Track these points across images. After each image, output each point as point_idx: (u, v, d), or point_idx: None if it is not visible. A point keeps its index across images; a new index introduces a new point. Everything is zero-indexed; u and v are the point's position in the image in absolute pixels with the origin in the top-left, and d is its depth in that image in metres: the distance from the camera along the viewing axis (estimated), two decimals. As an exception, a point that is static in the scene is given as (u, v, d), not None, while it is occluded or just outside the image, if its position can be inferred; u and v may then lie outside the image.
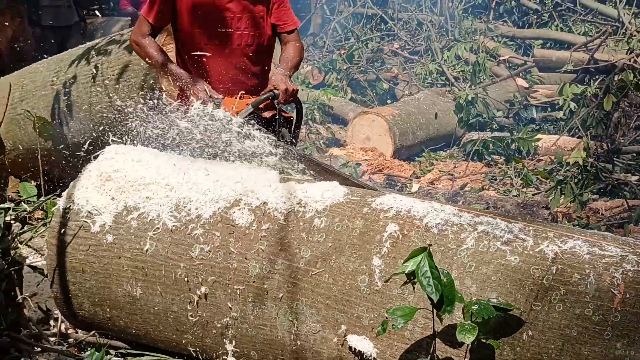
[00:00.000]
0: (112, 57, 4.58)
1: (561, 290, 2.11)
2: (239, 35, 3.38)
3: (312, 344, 2.41)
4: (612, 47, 8.79)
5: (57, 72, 4.87)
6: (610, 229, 4.90)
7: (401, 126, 7.18)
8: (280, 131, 3.20)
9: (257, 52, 3.47)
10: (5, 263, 2.65)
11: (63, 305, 2.85)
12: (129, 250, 2.68)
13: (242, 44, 3.40)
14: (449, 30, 10.08)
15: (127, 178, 2.80)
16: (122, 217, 2.71)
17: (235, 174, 2.77)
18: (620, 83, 7.16)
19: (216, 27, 3.34)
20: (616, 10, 9.86)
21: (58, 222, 2.79)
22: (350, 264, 2.36)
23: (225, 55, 3.37)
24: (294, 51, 3.47)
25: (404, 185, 6.21)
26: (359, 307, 2.33)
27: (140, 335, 2.78)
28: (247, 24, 3.38)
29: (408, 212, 2.41)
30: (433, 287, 2.07)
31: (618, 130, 7.02)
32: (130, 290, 2.69)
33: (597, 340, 2.04)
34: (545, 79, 8.74)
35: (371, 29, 10.59)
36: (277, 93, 3.19)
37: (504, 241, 2.24)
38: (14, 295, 2.75)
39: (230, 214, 2.59)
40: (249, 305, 2.49)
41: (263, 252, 2.49)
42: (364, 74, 9.17)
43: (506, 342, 2.13)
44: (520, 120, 8.03)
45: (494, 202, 5.38)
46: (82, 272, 2.75)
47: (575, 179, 5.77)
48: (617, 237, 2.30)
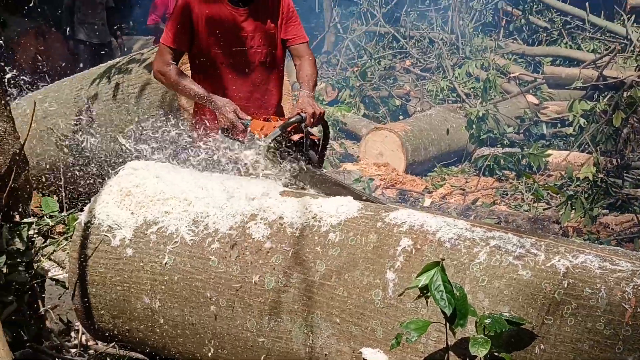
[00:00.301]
0: (133, 75, 4.62)
1: (573, 305, 2.09)
2: (252, 53, 3.41)
3: (326, 357, 2.41)
4: (620, 64, 8.77)
5: (79, 90, 4.91)
6: (620, 243, 4.87)
7: (413, 142, 7.18)
8: (308, 153, 3.17)
9: (271, 68, 3.49)
10: (28, 276, 2.67)
11: (84, 317, 2.86)
12: (148, 264, 2.69)
13: (257, 61, 3.42)
14: (460, 47, 10.10)
15: (146, 193, 2.81)
16: (142, 231, 2.73)
17: (252, 189, 2.78)
18: (629, 99, 7.12)
19: (232, 46, 3.36)
20: (624, 28, 9.84)
21: (79, 236, 2.81)
22: (365, 277, 2.36)
23: (241, 72, 3.40)
24: (309, 67, 3.45)
25: (416, 200, 6.20)
26: (373, 320, 2.32)
27: (159, 347, 2.78)
28: (260, 42, 3.41)
29: (421, 226, 2.41)
30: (446, 301, 2.06)
31: (627, 146, 6.98)
32: (149, 303, 2.69)
33: (608, 354, 2.03)
34: (555, 96, 8.73)
35: (383, 46, 10.62)
36: (304, 116, 3.14)
37: (516, 256, 2.23)
38: (37, 308, 2.77)
39: (247, 228, 2.60)
40: (265, 318, 2.49)
41: (279, 266, 2.49)
42: (377, 90, 9.19)
43: (519, 355, 2.12)
44: (531, 136, 8.01)
45: (506, 216, 5.36)
46: (103, 285, 2.76)
47: (585, 194, 5.74)
48: (628, 252, 2.29)
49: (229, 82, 3.38)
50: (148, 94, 4.47)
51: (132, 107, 4.53)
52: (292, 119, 3.13)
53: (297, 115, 3.14)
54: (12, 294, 2.62)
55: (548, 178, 6.78)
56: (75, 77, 5.24)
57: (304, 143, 3.14)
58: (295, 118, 3.13)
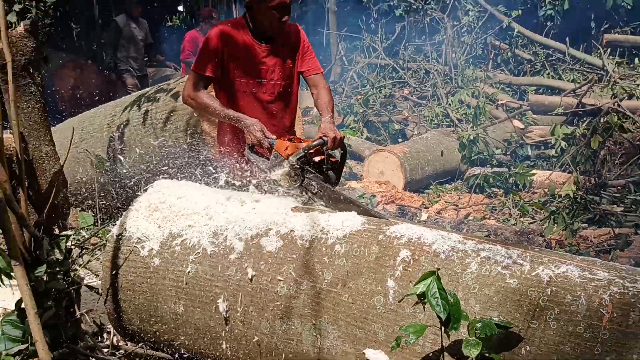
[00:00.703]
0: (160, 103, 4.65)
1: (555, 310, 2.09)
2: (272, 85, 3.43)
3: (333, 357, 2.40)
4: (598, 93, 8.75)
5: (112, 117, 4.95)
6: (598, 254, 4.84)
7: (411, 162, 7.17)
8: (327, 173, 3.14)
9: (286, 97, 3.52)
10: (66, 283, 2.67)
11: (115, 320, 2.86)
12: (173, 272, 2.69)
13: (275, 92, 3.45)
14: (453, 77, 10.10)
15: (172, 209, 2.82)
16: (167, 243, 2.74)
17: (267, 205, 2.79)
18: (605, 124, 7.12)
19: (254, 77, 3.39)
20: (601, 60, 9.84)
21: (112, 247, 2.82)
22: (368, 285, 2.36)
23: (260, 100, 3.42)
24: (326, 95, 3.46)
25: (414, 214, 6.19)
26: (375, 324, 2.31)
27: (182, 347, 2.78)
28: (279, 75, 3.43)
29: (418, 239, 2.40)
30: (441, 307, 2.06)
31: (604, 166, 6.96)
32: (173, 308, 2.69)
33: (588, 356, 2.01)
34: (539, 121, 8.71)
35: (384, 77, 10.64)
36: (326, 140, 3.13)
37: (504, 266, 2.22)
38: (73, 312, 2.77)
39: (262, 240, 2.60)
40: (278, 321, 2.49)
41: (290, 274, 2.49)
42: (378, 116, 9.20)
43: (507, 356, 2.11)
44: (517, 157, 7.99)
45: (494, 230, 5.34)
46: (132, 291, 2.77)
47: (566, 210, 5.72)
48: (605, 263, 2.27)
49: (249, 108, 3.39)
50: (174, 120, 4.50)
51: (160, 131, 4.56)
52: (315, 142, 3.11)
53: (320, 138, 3.13)
54: (51, 299, 2.62)
55: (533, 195, 6.76)
56: (108, 105, 5.29)
57: (325, 164, 3.12)
58: (318, 141, 3.12)
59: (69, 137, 4.77)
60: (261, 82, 3.40)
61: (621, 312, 2.02)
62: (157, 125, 4.58)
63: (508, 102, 9.19)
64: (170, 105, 4.53)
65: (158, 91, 4.77)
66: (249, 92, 3.40)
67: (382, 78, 10.59)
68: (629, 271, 2.16)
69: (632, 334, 1.98)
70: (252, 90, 3.40)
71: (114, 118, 4.90)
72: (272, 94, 3.44)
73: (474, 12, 11.09)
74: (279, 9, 3.28)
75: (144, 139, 4.64)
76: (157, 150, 4.54)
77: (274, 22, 3.31)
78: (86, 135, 5.01)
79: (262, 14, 3.30)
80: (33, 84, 2.72)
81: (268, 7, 3.26)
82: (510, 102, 9.21)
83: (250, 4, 3.32)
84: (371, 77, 10.60)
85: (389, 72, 10.76)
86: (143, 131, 4.66)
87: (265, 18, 3.30)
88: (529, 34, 10.89)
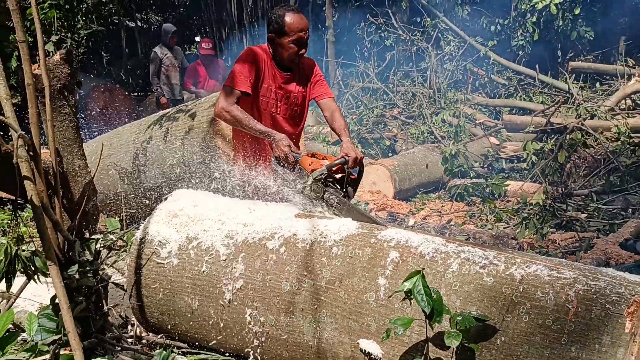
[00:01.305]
0: (179, 122, 4.66)
1: (527, 305, 2.08)
2: (287, 108, 3.45)
3: (331, 346, 2.39)
4: (564, 113, 8.77)
5: (137, 134, 4.95)
6: (565, 256, 4.83)
7: (400, 174, 7.17)
8: (347, 189, 3.10)
9: (297, 119, 3.53)
10: (95, 281, 2.67)
11: (138, 314, 2.85)
12: (189, 271, 2.69)
13: (288, 115, 3.46)
14: (437, 99, 10.13)
15: (189, 215, 2.82)
16: (185, 245, 2.73)
17: (273, 212, 2.79)
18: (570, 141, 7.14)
19: (275, 99, 3.40)
20: (567, 85, 9.86)
21: (135, 249, 2.82)
22: (361, 283, 2.35)
23: (277, 119, 3.43)
24: (341, 117, 3.42)
25: (402, 220, 6.18)
26: (368, 317, 2.31)
27: (198, 338, 2.77)
28: (294, 101, 3.46)
29: (406, 242, 2.40)
30: (426, 302, 2.05)
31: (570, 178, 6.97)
32: (190, 303, 2.69)
33: (555, 345, 2.01)
34: (512, 138, 8.72)
35: (376, 99, 10.67)
36: (347, 159, 3.09)
37: (482, 266, 2.22)
38: (101, 306, 2.76)
39: (268, 242, 2.60)
40: (282, 315, 2.48)
41: (293, 273, 2.48)
42: (371, 133, 9.21)
43: (484, 346, 2.10)
44: (493, 169, 7.99)
45: (473, 234, 5.34)
46: (153, 288, 2.76)
47: (537, 216, 5.71)
48: (571, 263, 2.27)
49: (266, 123, 3.36)
50: (191, 137, 4.50)
51: (179, 147, 4.56)
52: (337, 161, 3.07)
53: (342, 158, 3.09)
54: (82, 295, 2.61)
55: (507, 203, 6.76)
56: (134, 124, 5.30)
57: (345, 181, 3.08)
58: (340, 160, 3.08)
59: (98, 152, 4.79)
60: (279, 104, 3.41)
61: (585, 306, 2.01)
62: (176, 142, 4.58)
63: (485, 121, 9.21)
64: (188, 124, 4.53)
65: (177, 112, 4.78)
66: (268, 110, 3.41)
67: (374, 100, 10.61)
68: (592, 271, 2.16)
69: (594, 327, 1.98)
70: (271, 110, 3.41)
71: (139, 135, 4.90)
72: (286, 115, 3.45)
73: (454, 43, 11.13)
74: (297, 43, 3.29)
75: (165, 154, 4.65)
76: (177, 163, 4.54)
77: (292, 55, 3.31)
78: (113, 151, 5.01)
79: (282, 46, 3.31)
80: (67, 106, 2.72)
81: (288, 41, 3.28)
82: (487, 121, 9.22)
83: (272, 37, 3.33)
84: (365, 99, 10.62)
85: (380, 95, 10.78)
86: (164, 147, 4.66)
87: (284, 50, 3.31)
88: (503, 62, 10.93)
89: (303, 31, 3.29)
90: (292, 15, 3.28)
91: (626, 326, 1.95)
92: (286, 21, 3.27)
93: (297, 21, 3.27)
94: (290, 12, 3.29)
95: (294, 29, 3.27)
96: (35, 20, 2.45)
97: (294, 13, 3.29)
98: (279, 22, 3.28)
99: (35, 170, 2.28)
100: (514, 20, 11.17)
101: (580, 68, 10.51)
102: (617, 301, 1.99)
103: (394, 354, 2.25)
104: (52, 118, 2.50)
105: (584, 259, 4.59)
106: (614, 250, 4.71)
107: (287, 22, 3.27)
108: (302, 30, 3.29)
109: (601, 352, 1.95)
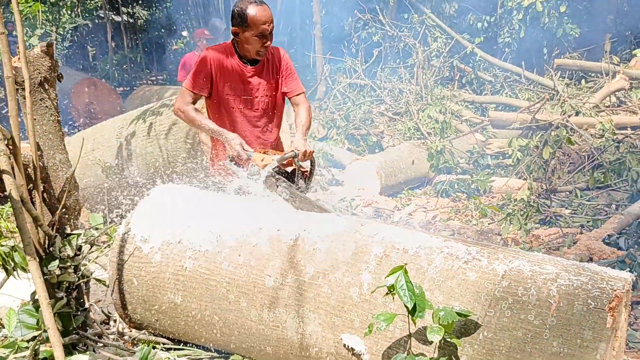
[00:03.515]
0: (163, 117, 4.62)
1: (509, 300, 2.09)
2: (257, 102, 3.42)
3: (315, 342, 2.39)
4: (549, 110, 8.83)
5: (120, 129, 4.91)
6: (548, 251, 4.86)
7: (386, 170, 7.18)
8: (298, 182, 3.19)
9: (271, 113, 3.50)
10: (76, 276, 2.64)
11: (121, 309, 2.83)
12: (172, 267, 2.66)
13: (260, 108, 3.43)
14: (423, 96, 10.15)
15: (172, 210, 2.80)
16: (168, 241, 2.71)
17: (257, 207, 2.77)
18: (555, 137, 7.18)
19: (241, 95, 3.37)
20: (552, 82, 9.92)
21: (118, 245, 2.79)
22: (345, 278, 2.34)
23: (247, 116, 3.41)
24: (305, 114, 3.43)
25: (388, 216, 6.19)
26: (352, 312, 2.30)
27: (180, 333, 2.75)
28: (263, 93, 3.42)
29: (390, 237, 2.40)
30: (408, 297, 2.05)
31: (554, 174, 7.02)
32: (172, 299, 2.67)
33: (538, 340, 2.02)
34: (498, 134, 8.76)
35: (363, 95, 10.67)
36: (297, 153, 3.17)
37: (465, 261, 2.22)
38: (83, 302, 2.73)
39: (252, 238, 2.58)
40: (266, 310, 2.47)
41: (277, 269, 2.47)
42: (358, 129, 9.21)
43: (466, 341, 2.11)
44: (479, 165, 8.02)
45: (458, 229, 5.36)
46: (136, 283, 2.74)
47: (521, 212, 5.74)
48: (553, 258, 2.28)
49: (237, 122, 3.39)
50: (175, 132, 4.47)
51: (162, 142, 4.53)
52: (287, 155, 3.16)
53: (292, 152, 3.17)
54: (62, 291, 2.58)
55: (492, 199, 6.79)
56: (117, 118, 5.25)
57: (296, 174, 3.17)
58: (290, 154, 3.17)
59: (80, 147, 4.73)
60: (247, 99, 3.39)
61: (567, 302, 2.02)
62: (160, 137, 4.55)
63: (471, 117, 9.24)
64: (172, 119, 4.50)
65: (161, 106, 4.74)
66: (237, 108, 3.39)
67: (361, 96, 10.61)
68: (574, 266, 2.17)
69: (576, 322, 1.99)
70: (239, 106, 3.39)
71: (122, 130, 4.86)
72: (258, 109, 3.43)
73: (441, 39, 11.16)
74: (261, 36, 3.27)
75: (148, 148, 4.61)
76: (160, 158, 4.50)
77: (257, 48, 3.30)
78: (97, 145, 4.96)
79: (247, 40, 3.29)
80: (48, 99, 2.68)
81: (251, 34, 3.25)
82: (473, 118, 9.26)
83: (236, 31, 3.31)
84: (352, 95, 10.62)
85: (367, 91, 10.79)
86: (147, 141, 4.62)
87: (248, 44, 3.29)
88: (489, 59, 10.98)
89: (266, 23, 3.25)
90: (255, 8, 3.24)
91: (607, 321, 1.96)
92: (249, 14, 3.23)
93: (260, 14, 3.23)
94: (253, 4, 3.24)
95: (257, 22, 3.23)
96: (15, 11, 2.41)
97: (256, 5, 3.24)
98: (242, 16, 3.25)
99: (15, 164, 2.25)
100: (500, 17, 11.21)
101: (566, 65, 10.58)
102: (599, 296, 2.00)
103: (377, 349, 2.25)
104: (33, 111, 2.46)
105: (568, 254, 4.62)
106: (598, 246, 4.74)
107: (249, 15, 3.23)
108: (266, 23, 3.25)
109: (583, 347, 1.96)
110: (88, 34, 14.46)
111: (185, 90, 3.35)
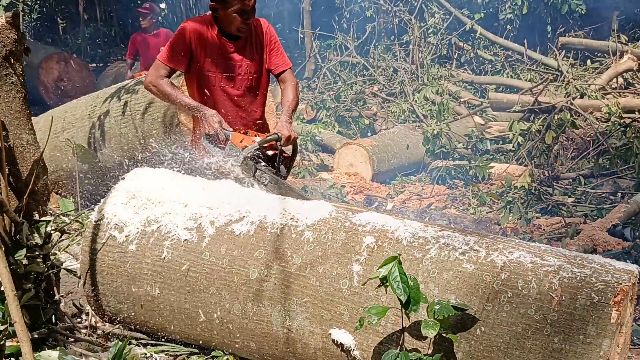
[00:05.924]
0: (139, 95, 4.58)
1: (508, 294, 2.10)
2: (240, 79, 3.39)
3: (301, 337, 2.39)
4: (552, 92, 8.85)
5: (93, 107, 4.86)
6: (550, 242, 4.90)
7: (379, 155, 7.18)
8: (279, 167, 3.18)
9: (255, 91, 3.47)
10: (45, 267, 2.62)
11: (93, 302, 2.82)
12: (149, 257, 2.65)
13: (243, 86, 3.40)
14: (419, 76, 10.13)
15: (149, 196, 2.78)
16: (144, 229, 2.69)
17: (241, 193, 2.76)
18: (559, 121, 7.21)
19: (222, 71, 3.34)
20: (556, 61, 9.95)
21: (90, 233, 2.77)
22: (334, 269, 2.35)
23: (229, 93, 3.38)
24: (291, 92, 3.40)
25: (380, 203, 6.21)
26: (341, 306, 2.31)
27: (158, 328, 2.74)
28: (246, 70, 3.39)
29: (382, 226, 2.40)
30: (402, 290, 2.05)
31: (557, 160, 7.06)
32: (149, 291, 2.66)
33: (538, 336, 2.03)
34: (498, 117, 8.78)
35: (355, 74, 10.64)
36: (280, 136, 3.15)
37: (462, 252, 2.23)
38: (52, 294, 2.72)
39: (235, 226, 2.57)
40: (249, 303, 2.47)
41: (261, 259, 2.47)
42: (349, 111, 9.19)
43: (463, 336, 2.12)
44: (477, 151, 8.04)
45: (455, 218, 5.39)
46: (110, 274, 2.72)
47: (521, 200, 5.78)
48: (556, 249, 2.29)
49: (219, 100, 3.36)
50: (152, 111, 4.44)
51: (138, 122, 4.49)
52: (270, 137, 3.16)
53: (275, 134, 3.16)
54: (31, 282, 2.57)
55: (491, 186, 6.82)
56: (90, 96, 5.20)
57: (277, 159, 3.16)
58: (273, 137, 3.16)
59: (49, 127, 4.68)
60: (229, 76, 3.35)
61: (569, 295, 2.04)
62: (136, 116, 4.51)
63: (470, 99, 9.25)
64: (149, 97, 4.46)
65: (137, 83, 4.70)
66: (218, 86, 3.35)
67: (353, 75, 10.59)
68: (578, 257, 2.18)
69: (578, 316, 2.01)
70: (220, 84, 3.35)
71: (95, 109, 4.81)
72: (240, 87, 3.40)
73: (439, 15, 11.13)
74: (240, 13, 3.23)
75: (123, 129, 4.57)
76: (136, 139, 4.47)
77: (237, 25, 3.26)
78: (68, 125, 4.91)
79: (226, 17, 3.25)
80: (14, 74, 2.63)
81: (230, 11, 3.21)
82: (471, 100, 9.27)
83: (214, 7, 3.26)
84: (343, 74, 10.58)
85: (359, 70, 10.76)
86: (122, 121, 4.59)
87: (228, 21, 3.26)
88: (490, 36, 10.97)
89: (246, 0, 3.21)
90: None
91: (612, 316, 1.98)
92: None
93: None
94: None
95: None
96: (-23, -22, 2.36)
97: None
98: None
99: (-23, 145, 2.22)
100: (502, -9, 11.20)
101: (571, 44, 10.60)
102: (603, 290, 2.02)
103: (367, 345, 2.26)
104: (-3, 88, 2.43)
105: (570, 245, 4.66)
106: (602, 237, 4.78)
107: None
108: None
109: (585, 343, 1.98)
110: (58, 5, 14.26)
111: (159, 63, 3.28)
